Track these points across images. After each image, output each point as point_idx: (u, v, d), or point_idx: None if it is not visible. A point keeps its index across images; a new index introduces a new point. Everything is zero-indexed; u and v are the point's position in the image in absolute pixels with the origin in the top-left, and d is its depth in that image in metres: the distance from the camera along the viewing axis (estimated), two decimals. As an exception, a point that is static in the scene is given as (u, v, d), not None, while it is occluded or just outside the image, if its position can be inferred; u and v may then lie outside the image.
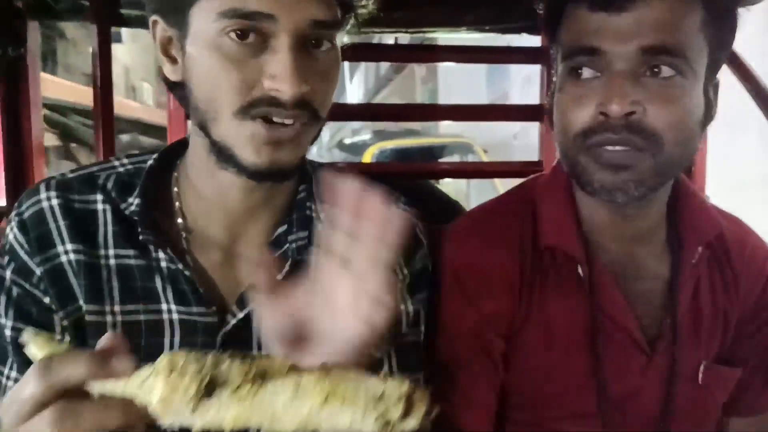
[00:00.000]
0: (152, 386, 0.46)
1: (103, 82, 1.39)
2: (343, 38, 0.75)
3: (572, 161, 0.82)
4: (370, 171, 1.56)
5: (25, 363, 0.71)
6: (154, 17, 0.72)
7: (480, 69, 8.12)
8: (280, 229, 0.78)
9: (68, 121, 4.22)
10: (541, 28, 1.52)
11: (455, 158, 6.13)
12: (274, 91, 0.66)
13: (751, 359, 0.93)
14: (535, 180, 0.97)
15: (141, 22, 1.40)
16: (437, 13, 1.48)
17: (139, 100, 6.68)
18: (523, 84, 6.94)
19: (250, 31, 0.65)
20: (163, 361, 0.47)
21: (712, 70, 0.81)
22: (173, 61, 0.71)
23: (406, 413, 0.46)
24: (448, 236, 0.92)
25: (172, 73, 0.72)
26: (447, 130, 7.05)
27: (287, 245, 0.77)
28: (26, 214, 0.74)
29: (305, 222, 0.78)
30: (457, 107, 1.78)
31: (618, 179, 0.78)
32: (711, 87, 0.82)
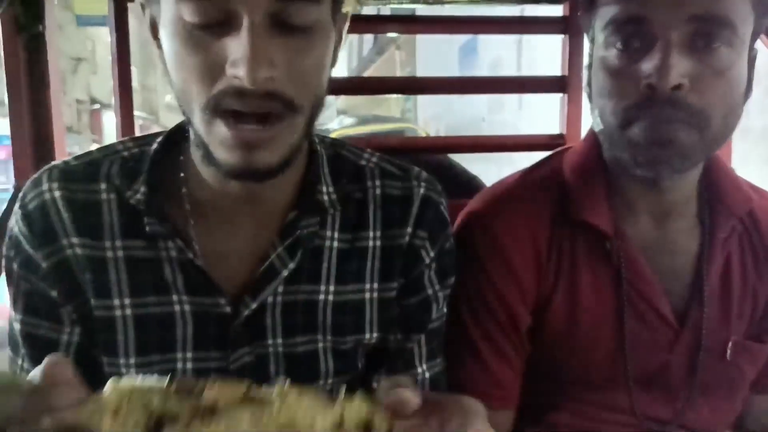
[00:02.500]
0: (99, 420, 0.45)
1: (120, 59, 1.39)
2: (339, 7, 0.68)
3: (615, 136, 0.79)
4: (389, 145, 1.54)
5: (36, 356, 0.72)
6: (140, 0, 0.67)
7: (453, 55, 8.52)
8: (291, 215, 0.74)
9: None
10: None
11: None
12: (235, 79, 0.58)
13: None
14: (561, 153, 0.95)
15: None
16: (458, -18, 1.45)
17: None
18: (491, 67, 7.16)
19: (209, 12, 0.58)
20: (110, 393, 0.46)
21: (754, 38, 0.78)
22: (159, 45, 0.66)
23: None
24: (472, 212, 0.90)
25: (159, 59, 0.66)
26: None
27: (298, 232, 0.73)
28: (30, 207, 0.71)
29: (315, 207, 0.74)
30: (487, 79, 1.76)
31: (664, 154, 0.75)
32: (750, 59, 0.79)
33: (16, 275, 0.72)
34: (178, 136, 0.75)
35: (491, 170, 1.47)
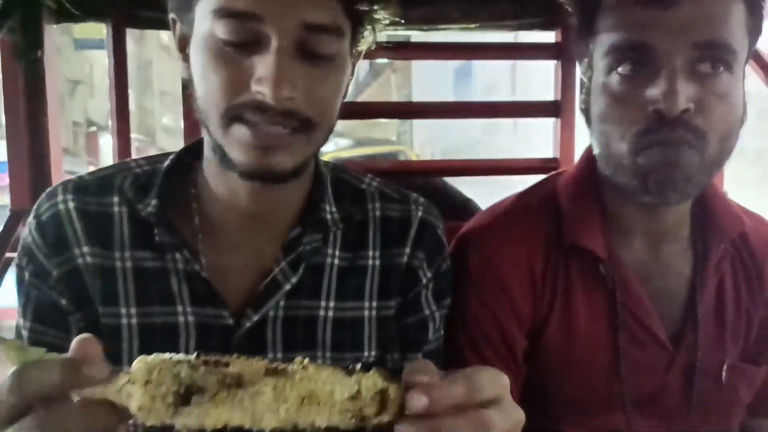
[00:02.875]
0: (130, 393, 0.47)
1: (118, 82, 1.40)
2: (357, 45, 0.74)
3: (622, 161, 0.78)
4: (385, 168, 1.56)
5: None
6: (172, 15, 0.73)
7: (448, 78, 8.64)
8: (294, 232, 0.77)
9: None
10: (563, 22, 1.51)
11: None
12: (258, 94, 0.64)
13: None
14: (556, 177, 0.96)
15: (154, 24, 1.41)
16: (453, 9, 1.47)
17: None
18: (484, 92, 7.28)
19: (241, 32, 0.64)
20: (139, 368, 0.47)
21: (745, 63, 0.80)
22: (186, 58, 0.72)
23: (382, 408, 0.48)
24: (467, 235, 0.91)
25: (184, 71, 0.72)
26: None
27: (301, 248, 0.76)
28: (44, 217, 0.74)
29: (319, 225, 0.78)
30: (479, 104, 1.78)
31: (672, 178, 0.76)
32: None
33: (27, 284, 0.74)
34: (189, 155, 0.80)
35: (481, 193, 1.48)
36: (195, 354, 0.49)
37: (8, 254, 1.22)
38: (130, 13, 1.37)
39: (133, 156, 1.45)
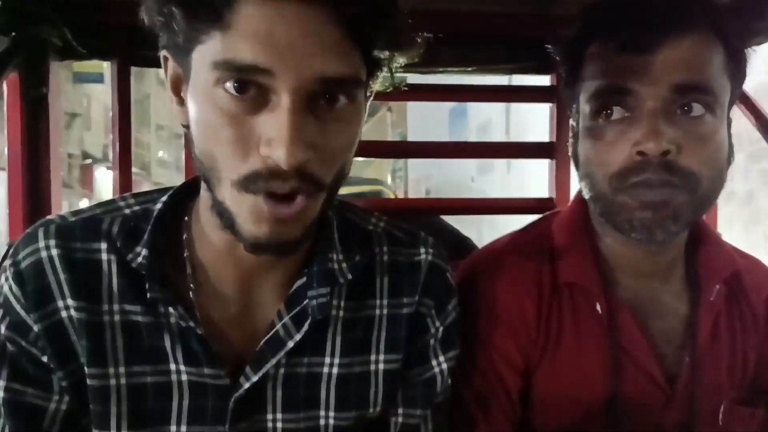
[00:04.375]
0: None
1: (121, 118, 1.42)
2: (369, 92, 0.68)
3: (608, 202, 0.80)
4: (379, 207, 1.57)
5: (20, 427, 0.67)
6: (164, 52, 0.65)
7: (443, 117, 8.81)
8: (298, 283, 0.71)
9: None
10: (555, 67, 1.54)
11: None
12: (270, 159, 0.57)
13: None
14: (551, 217, 0.97)
15: (157, 63, 1.43)
16: (447, 52, 1.50)
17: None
18: (480, 130, 7.38)
19: (247, 85, 0.57)
20: None
21: (730, 107, 0.82)
22: (181, 101, 0.64)
23: None
24: (462, 274, 0.91)
25: (179, 114, 0.65)
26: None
27: (306, 301, 0.70)
28: (23, 264, 0.66)
29: (326, 276, 0.71)
30: (474, 144, 1.81)
31: (657, 217, 0.77)
32: (728, 124, 0.83)
33: (2, 338, 0.67)
34: (182, 195, 0.73)
35: (471, 233, 1.49)
36: None
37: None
38: (134, 52, 1.40)
39: (133, 189, 1.47)
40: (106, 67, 1.44)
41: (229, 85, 0.57)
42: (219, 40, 0.56)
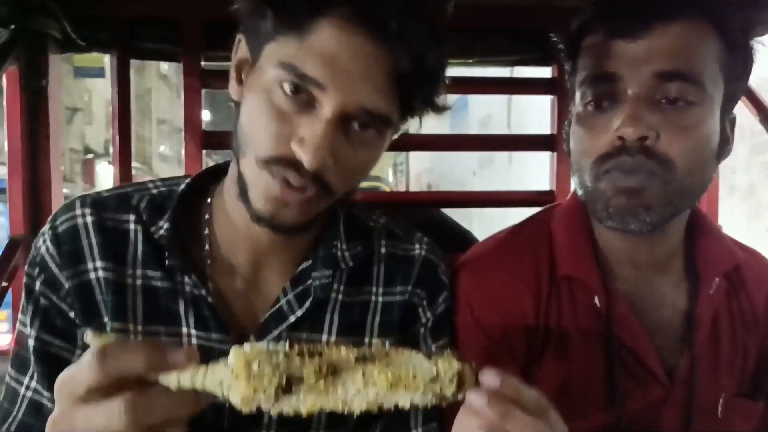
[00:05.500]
0: (231, 385, 0.50)
1: (120, 111, 1.42)
2: (396, 133, 0.75)
3: (589, 188, 0.82)
4: (393, 200, 1.56)
5: (46, 373, 0.73)
6: (239, 36, 0.73)
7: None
8: (304, 264, 0.79)
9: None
10: (558, 58, 1.54)
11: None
12: (297, 154, 0.66)
13: (773, 393, 0.91)
14: (550, 210, 0.97)
15: (156, 55, 1.43)
16: (450, 44, 1.49)
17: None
18: (481, 123, 7.37)
19: (301, 90, 0.65)
20: (238, 360, 0.50)
21: (729, 102, 0.81)
22: (240, 81, 0.73)
23: (459, 388, 0.54)
24: (462, 268, 0.91)
25: (235, 92, 0.73)
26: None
27: (310, 281, 0.77)
28: (60, 228, 0.75)
29: (330, 260, 0.79)
30: (477, 137, 1.81)
31: (630, 204, 0.78)
32: (728, 121, 0.82)
33: (37, 293, 0.74)
34: (205, 180, 0.82)
35: (472, 227, 1.49)
36: (287, 343, 0.52)
37: (4, 283, 1.22)
38: (133, 44, 1.40)
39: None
40: (106, 61, 1.43)
41: (287, 85, 0.65)
42: (292, 45, 0.65)
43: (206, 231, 0.78)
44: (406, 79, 0.67)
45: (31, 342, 0.74)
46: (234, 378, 0.50)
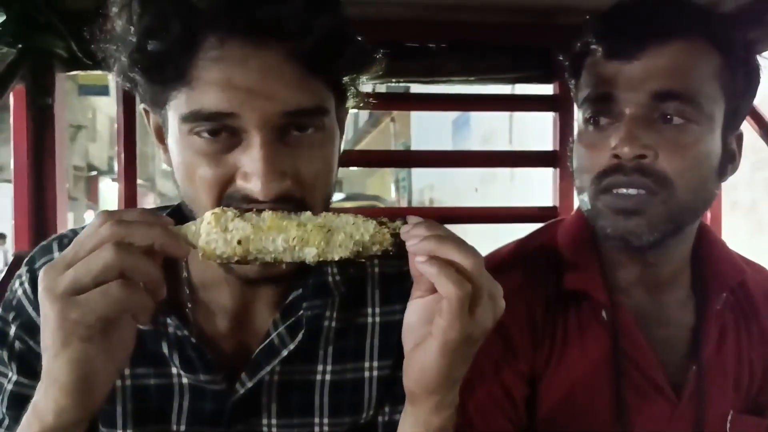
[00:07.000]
0: (198, 233, 0.59)
1: (126, 129, 1.43)
2: (344, 110, 0.71)
3: (589, 206, 0.83)
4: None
5: (20, 419, 0.68)
6: (143, 106, 0.70)
7: (446, 126, 8.81)
8: (294, 294, 0.74)
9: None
10: (560, 75, 1.55)
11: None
12: (247, 190, 0.61)
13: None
14: (555, 225, 0.98)
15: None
16: (451, 61, 1.51)
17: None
18: (483, 139, 7.40)
19: (218, 129, 0.61)
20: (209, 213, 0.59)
21: (733, 119, 0.82)
22: (166, 149, 0.69)
23: (379, 244, 0.61)
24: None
25: (165, 159, 0.70)
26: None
27: (301, 312, 0.73)
28: (39, 272, 0.69)
29: (321, 288, 0.75)
30: (479, 153, 1.81)
31: (630, 224, 0.78)
32: (733, 138, 0.83)
33: (11, 337, 0.72)
34: (182, 214, 0.75)
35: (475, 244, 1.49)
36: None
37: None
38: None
39: (138, 200, 1.47)
40: (111, 79, 1.44)
41: (203, 133, 0.61)
42: (185, 94, 0.61)
43: (184, 274, 0.74)
44: (315, 60, 0.61)
45: (9, 386, 0.71)
46: (203, 225, 0.59)
